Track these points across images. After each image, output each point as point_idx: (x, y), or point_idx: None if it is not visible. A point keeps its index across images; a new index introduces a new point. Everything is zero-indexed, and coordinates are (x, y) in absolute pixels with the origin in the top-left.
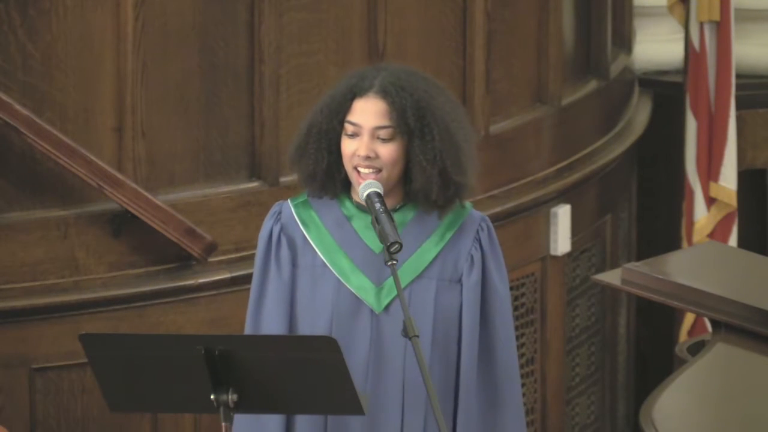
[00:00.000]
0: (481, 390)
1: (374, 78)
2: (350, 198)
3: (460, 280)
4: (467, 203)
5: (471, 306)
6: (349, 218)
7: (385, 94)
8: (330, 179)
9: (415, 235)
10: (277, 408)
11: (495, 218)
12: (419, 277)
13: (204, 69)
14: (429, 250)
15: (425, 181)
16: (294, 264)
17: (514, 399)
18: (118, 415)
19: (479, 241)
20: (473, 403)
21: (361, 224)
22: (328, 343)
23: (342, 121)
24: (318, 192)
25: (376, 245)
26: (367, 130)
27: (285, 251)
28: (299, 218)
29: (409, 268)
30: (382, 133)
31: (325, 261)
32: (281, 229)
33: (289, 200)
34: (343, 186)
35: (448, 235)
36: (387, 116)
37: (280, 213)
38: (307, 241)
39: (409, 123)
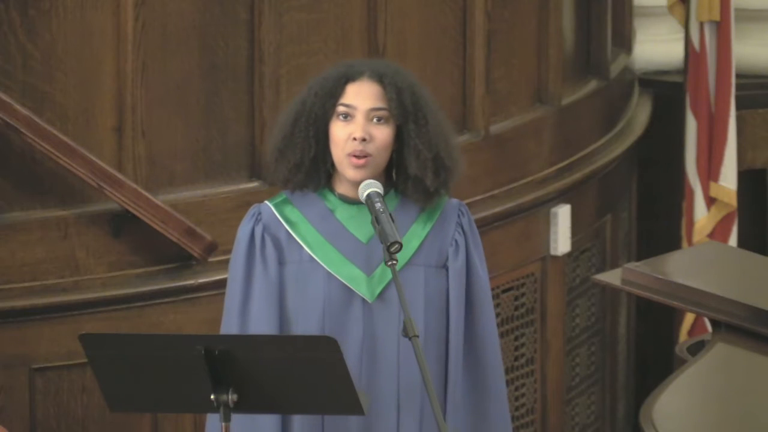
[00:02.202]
0: (467, 373)
1: (363, 65)
2: (332, 191)
3: (444, 266)
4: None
5: (457, 290)
6: (332, 210)
7: (380, 77)
8: (315, 170)
9: (399, 223)
10: (277, 408)
11: (495, 218)
12: (407, 264)
13: (204, 69)
14: (414, 237)
15: (420, 166)
16: (280, 262)
17: (499, 383)
18: (118, 415)
19: (461, 226)
20: (460, 388)
21: (346, 215)
22: (328, 343)
23: (334, 106)
24: (301, 184)
25: (362, 235)
26: (362, 112)
27: (270, 250)
28: (282, 216)
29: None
30: (378, 115)
31: (313, 255)
32: (264, 229)
33: (266, 201)
34: (327, 177)
35: (430, 223)
36: (382, 99)
37: (259, 214)
38: (292, 238)
39: (406, 106)
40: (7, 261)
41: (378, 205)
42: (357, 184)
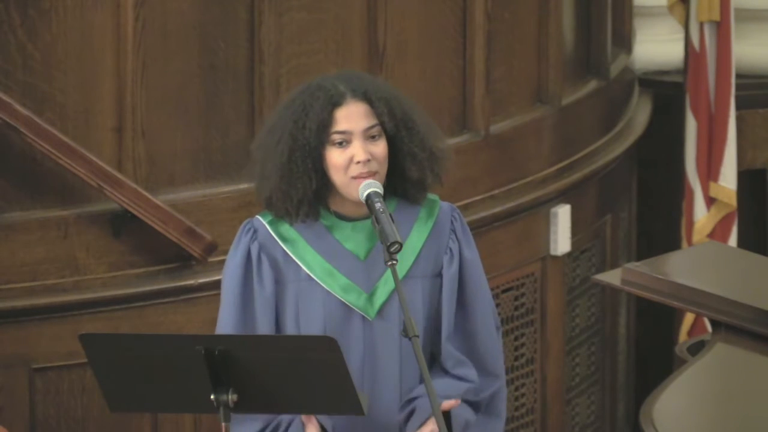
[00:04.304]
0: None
1: (337, 86)
2: (327, 208)
3: (440, 274)
4: (436, 196)
5: (449, 298)
6: (329, 228)
7: (363, 95)
8: (317, 200)
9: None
10: (277, 408)
11: (495, 218)
12: (405, 277)
13: (204, 69)
14: (411, 247)
15: (418, 168)
16: (277, 281)
17: (501, 392)
18: (118, 415)
19: (454, 232)
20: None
21: (343, 233)
22: (328, 343)
23: (328, 135)
24: (305, 216)
25: (360, 252)
26: (357, 135)
27: (267, 268)
28: (277, 235)
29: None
30: (373, 132)
31: (310, 274)
32: (260, 248)
33: (259, 217)
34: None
35: (426, 231)
36: (372, 116)
37: (255, 232)
38: (289, 257)
39: (396, 115)
40: (7, 261)
41: (378, 205)
42: (356, 201)
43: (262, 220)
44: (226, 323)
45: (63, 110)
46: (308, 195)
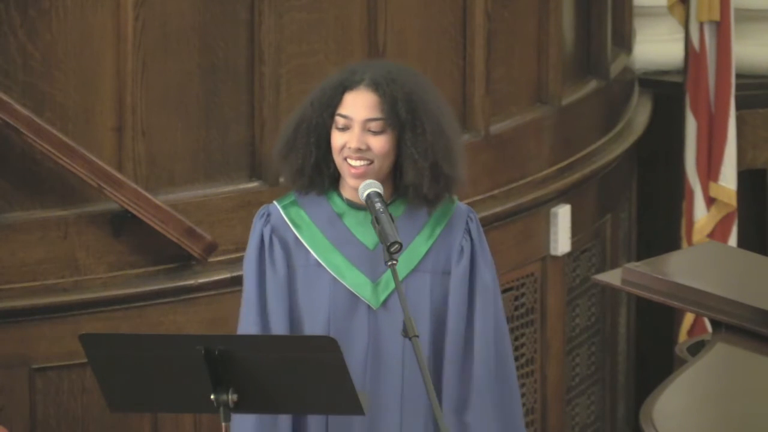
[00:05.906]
0: (463, 382)
1: (365, 72)
2: (339, 194)
3: (450, 271)
4: (454, 197)
5: (458, 295)
6: (340, 215)
7: (376, 86)
8: (318, 174)
9: (406, 230)
10: (277, 408)
11: (495, 218)
12: (413, 271)
13: (204, 69)
14: (421, 244)
15: (416, 174)
16: (288, 265)
17: (506, 399)
18: (118, 415)
19: (469, 232)
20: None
21: (353, 221)
22: (328, 343)
23: (332, 115)
24: (306, 188)
25: (369, 241)
26: (357, 123)
27: (278, 251)
28: (289, 219)
29: (403, 262)
30: (373, 126)
31: (318, 260)
32: (272, 231)
33: (275, 202)
34: (332, 182)
35: (438, 229)
36: (377, 108)
37: (269, 215)
38: (299, 241)
39: (400, 115)
40: (7, 261)
41: (378, 205)
42: (352, 187)
43: (277, 205)
44: (248, 309)
45: (63, 110)
46: (306, 168)
